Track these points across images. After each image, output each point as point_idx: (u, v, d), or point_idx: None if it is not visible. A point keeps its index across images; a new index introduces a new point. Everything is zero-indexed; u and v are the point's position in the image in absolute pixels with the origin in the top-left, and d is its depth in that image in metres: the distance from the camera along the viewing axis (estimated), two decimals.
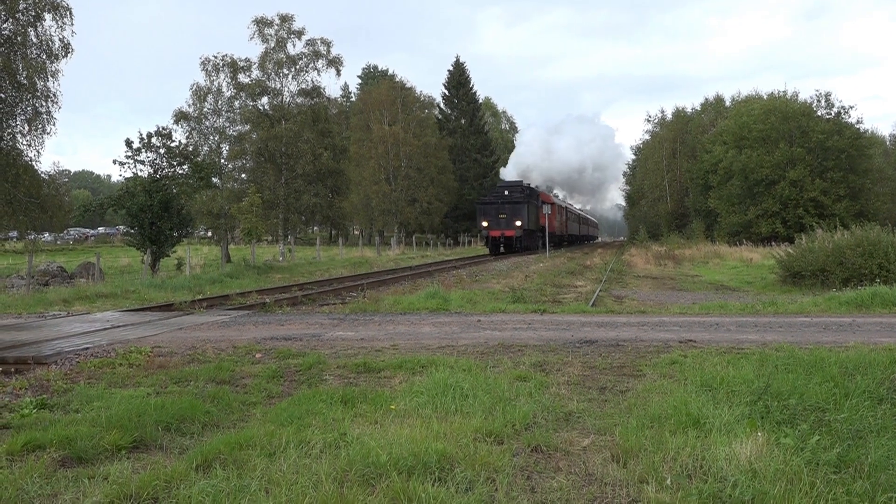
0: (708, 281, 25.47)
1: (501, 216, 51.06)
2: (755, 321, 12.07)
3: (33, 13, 37.27)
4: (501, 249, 51.17)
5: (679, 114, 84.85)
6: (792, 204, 54.71)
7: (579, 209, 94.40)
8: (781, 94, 62.74)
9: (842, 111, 57.84)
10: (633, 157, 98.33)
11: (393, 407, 6.48)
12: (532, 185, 58.10)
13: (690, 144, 77.93)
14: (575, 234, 79.89)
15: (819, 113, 57.99)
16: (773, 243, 40.87)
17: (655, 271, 30.57)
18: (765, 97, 66.36)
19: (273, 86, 48.60)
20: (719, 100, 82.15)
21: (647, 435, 5.50)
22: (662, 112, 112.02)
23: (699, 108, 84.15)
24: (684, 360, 8.37)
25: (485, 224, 51.17)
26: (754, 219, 57.02)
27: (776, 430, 5.55)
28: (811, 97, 60.06)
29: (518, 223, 51.00)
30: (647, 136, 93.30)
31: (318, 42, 49.34)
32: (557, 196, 74.65)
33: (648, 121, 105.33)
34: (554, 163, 75.86)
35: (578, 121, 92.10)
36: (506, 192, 52.48)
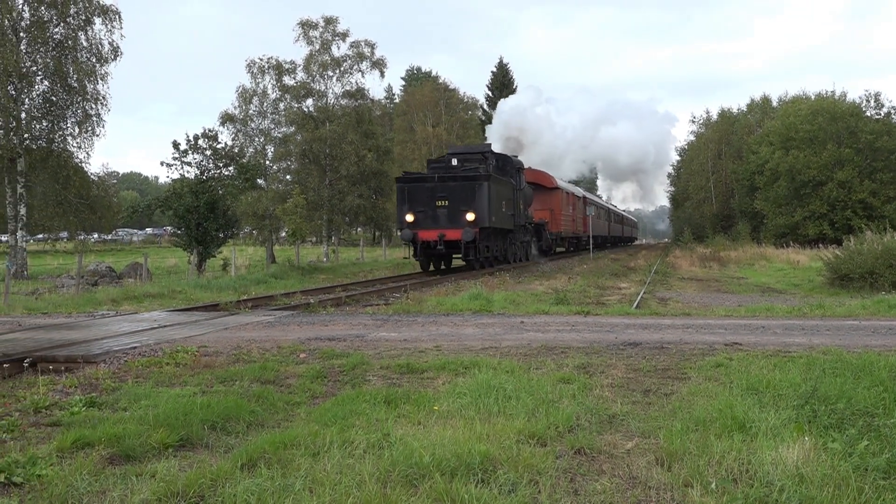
0: (754, 283, 25.19)
1: (440, 205, 28.35)
2: (802, 324, 11.91)
3: (83, 17, 37.85)
4: (441, 265, 31.33)
5: (725, 114, 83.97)
6: (840, 205, 53.89)
7: (613, 205, 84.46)
8: (829, 94, 61.77)
9: (892, 111, 56.87)
10: (678, 158, 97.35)
11: (436, 408, 6.49)
12: (514, 156, 35.42)
13: (736, 145, 76.99)
14: (603, 233, 65.16)
15: (868, 113, 57.10)
16: (820, 245, 40.27)
17: (700, 273, 30.30)
18: (812, 97, 65.42)
19: (317, 88, 48.81)
20: (766, 100, 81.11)
21: (692, 438, 5.46)
22: (708, 113, 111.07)
23: (745, 109, 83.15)
24: (730, 363, 8.28)
25: (409, 219, 28.42)
26: (801, 220, 56.21)
27: (823, 434, 5.48)
28: (860, 97, 59.30)
29: (470, 217, 27.77)
30: (692, 137, 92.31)
31: (363, 44, 49.52)
32: (574, 184, 57.84)
33: (693, 121, 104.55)
34: (598, 151, 67.39)
35: (634, 109, 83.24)
36: (453, 163, 30.04)
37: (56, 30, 37.07)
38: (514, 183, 32.44)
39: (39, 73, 36.01)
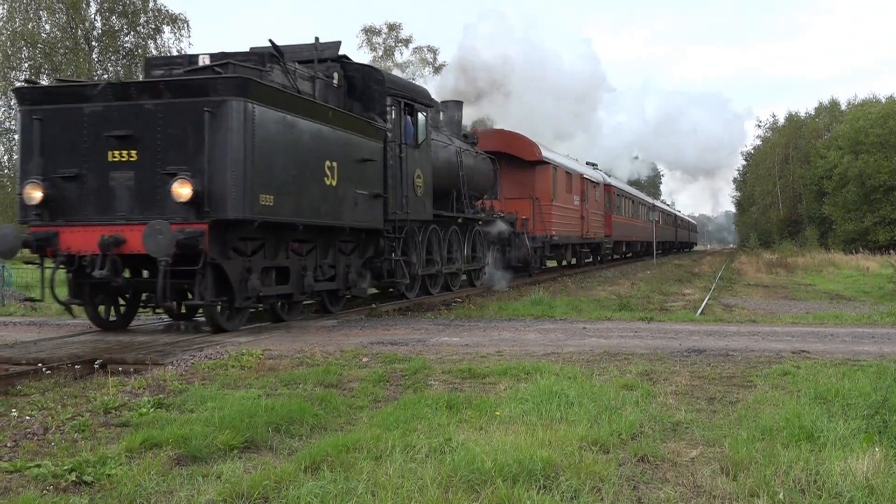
0: (822, 290, 24.71)
1: (117, 159, 11.10)
2: (872, 332, 11.65)
3: (153, 26, 38.65)
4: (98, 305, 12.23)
5: (792, 118, 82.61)
6: None
7: (666, 205, 76.62)
8: None
9: None
10: (744, 162, 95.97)
11: (497, 413, 6.48)
12: (415, 86, 18.74)
13: (804, 150, 75.62)
14: (639, 237, 50.82)
15: None
16: (891, 251, 39.39)
17: (766, 280, 29.81)
18: (883, 101, 64.05)
19: None
20: (834, 104, 79.60)
21: (758, 447, 5.37)
22: (774, 116, 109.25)
23: (813, 113, 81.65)
24: (797, 372, 8.14)
25: (32, 195, 11.28)
26: (871, 226, 55.09)
27: (895, 445, 5.36)
28: None
29: (184, 192, 10.63)
30: (758, 142, 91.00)
31: (425, 50, 49.78)
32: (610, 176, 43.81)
33: (759, 125, 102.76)
34: (661, 151, 61.79)
35: (705, 100, 77.59)
36: (202, 62, 12.18)
37: (126, 38, 37.90)
38: (392, 128, 15.60)
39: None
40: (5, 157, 40.97)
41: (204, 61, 12.15)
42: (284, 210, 11.85)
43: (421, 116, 16.96)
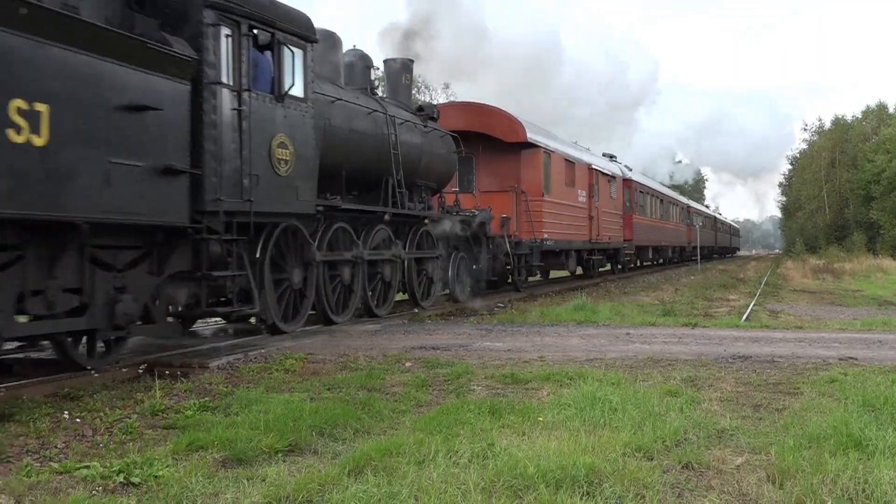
0: (870, 296, 24.34)
1: None
2: None
3: None
4: None
5: (838, 122, 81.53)
6: None
7: (705, 208, 70.94)
8: None
9: None
10: (790, 166, 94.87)
11: (540, 419, 6.47)
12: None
13: (851, 154, 74.58)
14: (669, 242, 45.27)
15: None
16: None
17: (813, 285, 29.43)
18: None
19: None
20: (882, 107, 78.38)
21: (805, 455, 5.30)
22: (820, 120, 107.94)
23: (860, 116, 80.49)
24: (844, 379, 8.02)
25: None
26: None
27: None
28: None
29: None
30: (803, 146, 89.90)
31: None
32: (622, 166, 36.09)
33: (805, 129, 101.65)
34: (705, 154, 58.72)
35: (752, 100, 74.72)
36: None
37: None
38: (216, 61, 10.00)
39: None
40: None
41: None
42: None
43: (291, 54, 11.36)
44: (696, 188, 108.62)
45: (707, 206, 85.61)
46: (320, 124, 12.48)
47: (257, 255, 10.98)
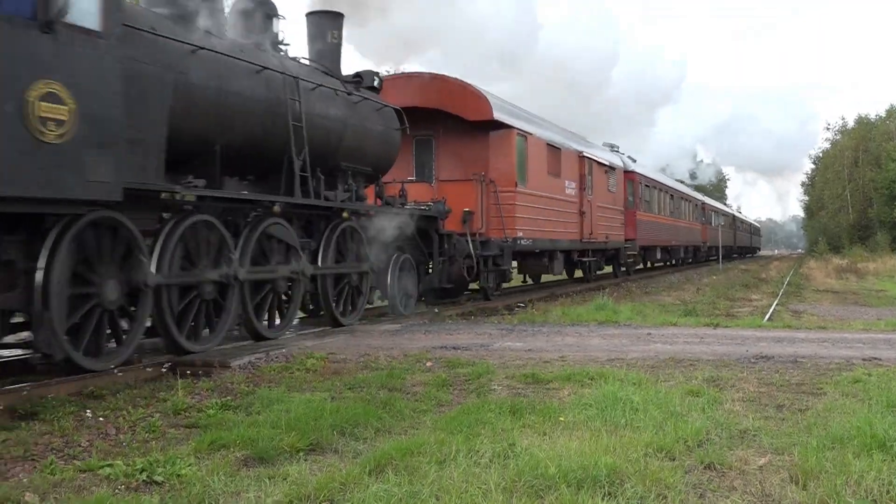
0: (894, 296, 24.14)
1: None
2: None
3: None
4: None
5: (862, 121, 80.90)
6: None
7: (718, 204, 65.26)
8: None
9: None
10: (813, 165, 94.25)
11: (562, 419, 6.46)
12: None
13: (874, 153, 73.99)
14: (681, 241, 41.72)
15: None
16: None
17: (836, 285, 29.21)
18: None
19: None
20: None
21: (829, 456, 5.27)
22: (843, 119, 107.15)
23: (884, 115, 79.84)
24: (868, 379, 7.96)
25: None
26: None
27: None
28: None
29: None
30: (826, 145, 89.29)
31: None
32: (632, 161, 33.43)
33: (828, 128, 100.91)
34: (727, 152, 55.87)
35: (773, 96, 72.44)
36: None
37: None
38: None
39: None
40: None
41: None
42: None
43: None
44: (717, 188, 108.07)
45: (729, 206, 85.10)
46: (165, 78, 9.57)
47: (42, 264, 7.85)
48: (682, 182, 50.33)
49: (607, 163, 27.63)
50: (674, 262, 43.32)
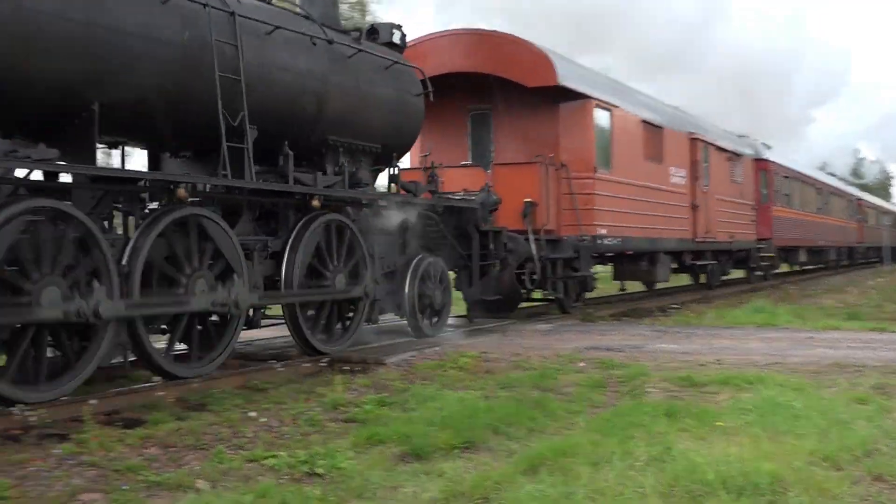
0: None
1: None
2: None
3: None
4: None
5: None
6: None
7: (876, 200, 54.71)
8: None
9: None
10: None
11: (719, 423, 6.32)
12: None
13: None
14: (830, 241, 36.51)
15: None
16: None
17: None
18: None
19: None
20: None
21: None
22: None
23: None
24: None
25: None
26: None
27: None
28: None
29: None
30: None
31: None
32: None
33: None
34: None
35: None
36: None
37: None
38: None
39: None
40: None
41: None
42: None
43: None
44: (881, 185, 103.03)
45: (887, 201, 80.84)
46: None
47: None
48: (832, 175, 45.86)
49: (730, 148, 23.25)
50: (821, 264, 38.07)
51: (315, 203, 9.45)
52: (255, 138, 8.69)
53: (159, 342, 8.13)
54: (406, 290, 10.93)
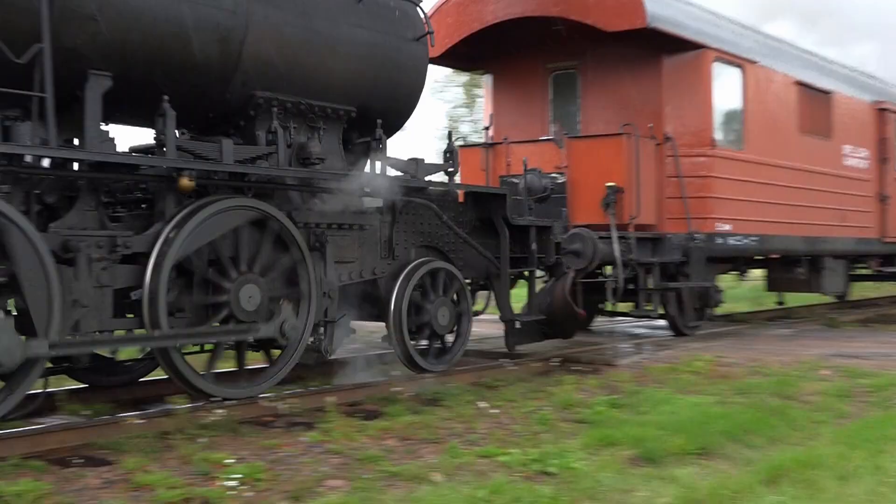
0: None
1: None
2: None
3: None
4: None
5: None
6: None
7: None
8: None
9: None
10: None
11: None
12: None
13: None
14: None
15: None
16: None
17: None
18: None
19: None
20: None
21: None
22: None
23: None
24: None
25: None
26: None
27: None
28: None
29: None
30: None
31: None
32: None
33: None
34: None
35: None
36: None
37: None
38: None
39: None
40: None
41: None
42: None
43: None
44: None
45: None
46: None
47: None
48: None
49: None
50: None
51: (185, 183, 6.23)
52: (107, 89, 6.10)
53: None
54: (392, 304, 7.95)
